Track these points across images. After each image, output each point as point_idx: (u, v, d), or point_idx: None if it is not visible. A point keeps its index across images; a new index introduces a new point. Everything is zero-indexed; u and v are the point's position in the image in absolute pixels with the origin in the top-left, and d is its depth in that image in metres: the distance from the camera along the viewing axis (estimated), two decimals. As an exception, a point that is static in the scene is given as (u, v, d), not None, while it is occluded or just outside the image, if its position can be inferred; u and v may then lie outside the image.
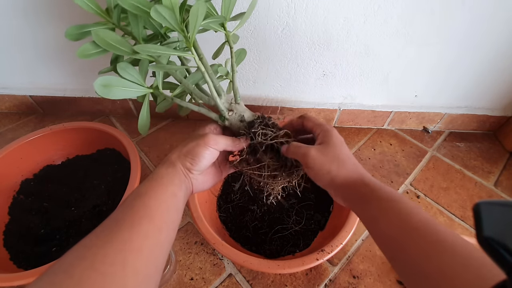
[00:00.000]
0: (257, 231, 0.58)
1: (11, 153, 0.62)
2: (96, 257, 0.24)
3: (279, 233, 0.57)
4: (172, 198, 0.32)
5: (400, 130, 0.83)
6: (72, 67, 0.75)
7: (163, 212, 0.30)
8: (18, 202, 0.62)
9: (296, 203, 0.61)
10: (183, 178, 0.35)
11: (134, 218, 0.28)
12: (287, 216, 0.59)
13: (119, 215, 0.28)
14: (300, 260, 0.45)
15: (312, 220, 0.59)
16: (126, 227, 0.27)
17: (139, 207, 0.29)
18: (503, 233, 0.23)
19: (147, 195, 0.31)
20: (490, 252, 0.24)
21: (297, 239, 0.56)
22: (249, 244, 0.56)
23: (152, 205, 0.30)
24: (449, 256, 0.25)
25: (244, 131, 0.40)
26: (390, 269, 0.55)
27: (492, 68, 0.67)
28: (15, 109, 0.87)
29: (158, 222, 0.29)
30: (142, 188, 0.32)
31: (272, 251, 0.55)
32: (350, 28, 0.60)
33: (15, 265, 0.53)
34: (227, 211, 0.61)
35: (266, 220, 0.59)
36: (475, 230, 0.25)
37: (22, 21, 0.65)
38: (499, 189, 0.68)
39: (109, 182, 0.65)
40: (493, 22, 0.58)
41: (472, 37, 0.61)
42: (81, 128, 0.67)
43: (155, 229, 0.28)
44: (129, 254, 0.25)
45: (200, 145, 0.35)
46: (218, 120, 0.41)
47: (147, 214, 0.29)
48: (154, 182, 0.32)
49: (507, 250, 0.22)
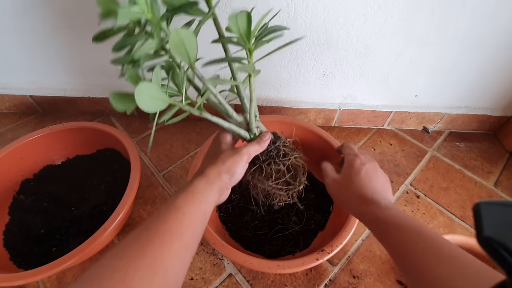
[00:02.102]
0: (257, 231, 0.58)
1: (11, 153, 0.62)
2: (128, 271, 0.25)
3: (279, 233, 0.57)
4: (203, 215, 0.33)
5: (400, 130, 0.83)
6: (72, 67, 0.75)
7: (193, 229, 0.31)
8: (18, 202, 0.62)
9: (296, 203, 0.61)
10: (216, 196, 0.36)
11: (166, 235, 0.28)
12: (287, 216, 0.59)
13: (153, 225, 0.29)
14: (300, 260, 0.45)
15: (312, 220, 0.59)
16: (158, 243, 0.28)
17: (173, 222, 0.30)
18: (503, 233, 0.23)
19: (181, 209, 0.31)
20: (490, 252, 0.24)
21: (297, 239, 0.56)
22: (249, 244, 0.56)
23: (184, 221, 0.31)
24: (447, 265, 0.27)
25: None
26: (390, 269, 0.55)
27: (492, 68, 0.67)
28: (15, 109, 0.87)
29: (187, 240, 0.30)
30: (178, 200, 0.32)
31: (272, 251, 0.55)
32: (350, 28, 0.60)
33: (15, 265, 0.53)
34: (227, 211, 0.61)
35: (266, 220, 0.59)
36: (475, 230, 0.25)
37: (23, 21, 0.65)
38: (499, 189, 0.68)
39: (109, 182, 0.65)
40: (494, 22, 0.58)
41: (472, 37, 0.61)
42: (81, 128, 0.67)
43: (184, 247, 0.29)
44: (158, 272, 0.26)
45: (238, 162, 0.37)
46: (247, 137, 0.42)
47: (179, 231, 0.29)
48: (190, 197, 0.33)
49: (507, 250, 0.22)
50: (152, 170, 0.72)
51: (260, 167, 0.43)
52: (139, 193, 0.67)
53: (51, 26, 0.65)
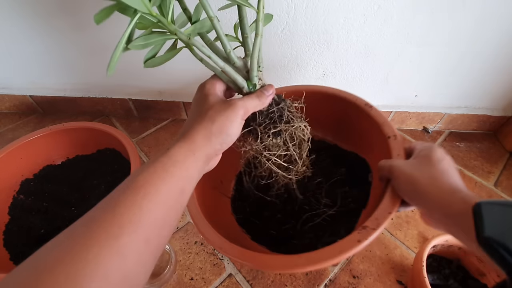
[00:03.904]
0: (282, 226, 0.47)
1: (11, 153, 0.62)
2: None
3: (310, 222, 0.46)
4: (178, 196, 0.25)
5: (400, 130, 0.83)
6: (72, 67, 0.75)
7: (159, 217, 0.23)
8: (18, 202, 0.62)
9: (323, 182, 0.50)
10: (201, 167, 0.28)
11: (112, 228, 0.21)
12: (315, 199, 0.48)
13: (97, 215, 0.22)
14: (337, 246, 0.33)
15: (350, 198, 0.48)
16: (96, 240, 0.20)
17: (126, 208, 0.22)
18: (503, 233, 0.23)
19: (142, 189, 0.23)
20: (490, 252, 0.24)
21: (336, 226, 0.45)
22: (276, 245, 0.46)
23: (144, 206, 0.22)
24: None
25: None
26: (390, 269, 0.55)
27: (492, 68, 0.67)
28: (15, 109, 0.87)
29: (146, 233, 0.22)
30: (140, 177, 0.24)
31: (305, 246, 0.43)
32: (350, 28, 0.60)
33: (15, 265, 0.53)
34: (244, 211, 0.52)
35: (290, 210, 0.48)
36: (475, 230, 0.25)
37: (23, 21, 0.65)
38: (499, 189, 0.68)
39: (109, 182, 0.65)
40: (494, 22, 0.58)
41: (473, 37, 0.61)
42: (81, 128, 0.67)
43: (142, 243, 0.22)
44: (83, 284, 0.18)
45: (233, 119, 0.28)
46: (244, 87, 0.33)
47: (133, 222, 0.21)
48: (161, 170, 0.25)
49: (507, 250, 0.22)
50: (152, 170, 0.72)
51: (254, 130, 0.35)
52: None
53: (51, 26, 0.65)
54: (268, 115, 0.35)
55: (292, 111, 0.37)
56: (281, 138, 0.35)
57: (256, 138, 0.35)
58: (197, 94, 0.33)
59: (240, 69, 0.33)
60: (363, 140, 0.52)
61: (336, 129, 0.50)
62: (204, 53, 0.30)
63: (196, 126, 0.28)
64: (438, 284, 0.50)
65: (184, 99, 0.80)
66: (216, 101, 0.30)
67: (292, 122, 0.35)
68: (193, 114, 0.31)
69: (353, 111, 0.51)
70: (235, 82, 0.33)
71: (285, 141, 0.35)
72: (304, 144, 0.38)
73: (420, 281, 0.44)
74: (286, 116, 0.35)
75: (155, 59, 0.32)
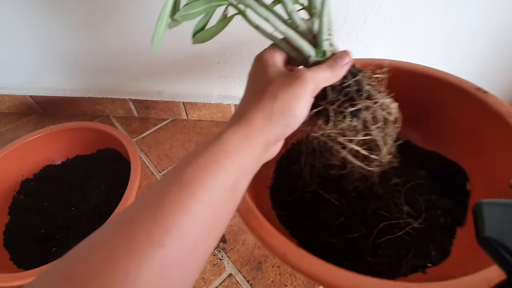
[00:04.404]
0: (346, 234, 0.37)
1: (11, 153, 0.62)
2: None
3: (388, 234, 0.35)
4: (229, 193, 0.21)
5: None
6: (72, 67, 0.75)
7: (209, 219, 0.20)
8: (18, 202, 0.62)
9: (401, 184, 0.39)
10: (259, 155, 0.23)
11: (155, 232, 0.17)
12: (395, 204, 0.37)
13: (135, 217, 0.18)
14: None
15: (439, 210, 0.37)
16: (130, 248, 0.17)
17: (171, 208, 0.18)
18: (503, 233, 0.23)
19: (190, 187, 0.19)
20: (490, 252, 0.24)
21: (423, 244, 0.34)
22: (337, 257, 0.34)
23: (191, 209, 0.19)
24: None
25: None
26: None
27: (492, 69, 0.67)
28: (15, 109, 0.87)
29: (192, 239, 0.19)
30: (189, 169, 0.20)
31: (382, 266, 0.34)
32: (350, 28, 0.60)
33: (15, 265, 0.53)
34: (289, 207, 0.41)
35: (360, 214, 0.37)
36: (476, 230, 0.25)
37: (23, 21, 0.65)
38: (499, 189, 0.68)
39: (109, 182, 0.65)
40: (495, 22, 0.58)
41: (474, 37, 0.61)
42: (81, 128, 0.67)
43: (185, 250, 0.18)
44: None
45: (300, 95, 0.23)
46: (310, 56, 0.26)
47: (178, 225, 0.18)
48: (211, 162, 0.20)
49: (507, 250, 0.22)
50: (152, 170, 0.72)
51: (325, 110, 0.28)
52: (139, 193, 0.67)
53: (51, 26, 0.65)
54: (343, 91, 0.27)
55: (373, 84, 0.29)
56: (360, 119, 0.27)
57: (327, 121, 0.28)
58: (253, 67, 0.27)
59: (304, 34, 0.27)
60: (461, 137, 0.41)
61: (413, 121, 0.36)
62: (261, 14, 0.25)
63: (252, 105, 0.23)
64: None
65: (184, 99, 0.80)
66: (278, 74, 0.24)
67: (374, 98, 0.28)
68: (249, 92, 0.26)
69: (452, 98, 0.40)
70: (300, 50, 0.26)
71: (366, 123, 0.28)
72: (390, 127, 0.30)
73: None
74: (366, 90, 0.28)
75: (204, 32, 0.27)
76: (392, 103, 0.29)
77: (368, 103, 0.27)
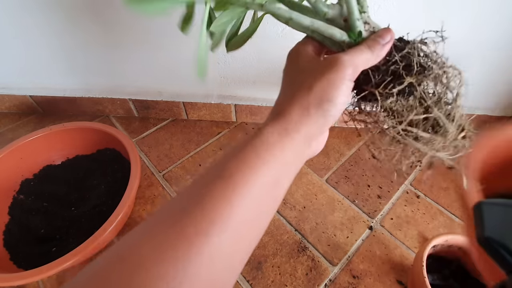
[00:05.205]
0: None
1: (11, 153, 0.62)
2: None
3: None
4: (271, 188, 0.21)
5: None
6: (72, 67, 0.75)
7: (247, 217, 0.19)
8: (18, 202, 0.62)
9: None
10: (302, 149, 0.22)
11: (201, 224, 0.18)
12: None
13: (185, 208, 0.19)
14: None
15: None
16: (188, 234, 0.17)
17: (216, 201, 0.18)
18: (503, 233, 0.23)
19: (231, 181, 0.19)
20: (490, 252, 0.24)
21: None
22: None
23: (234, 203, 0.19)
24: None
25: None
26: (390, 269, 0.55)
27: (492, 69, 0.67)
28: (15, 109, 0.87)
29: (234, 234, 0.19)
30: (232, 163, 0.20)
31: None
32: (350, 28, 0.60)
33: (15, 265, 0.53)
34: None
35: None
36: (476, 230, 0.25)
37: (23, 20, 0.65)
38: (499, 189, 0.68)
39: (109, 182, 0.65)
40: (496, 22, 0.58)
41: (474, 37, 0.61)
42: (81, 128, 0.67)
43: (229, 245, 0.18)
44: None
45: (336, 82, 0.21)
46: (344, 41, 0.24)
47: (222, 218, 0.18)
48: (253, 156, 0.20)
49: (507, 250, 0.22)
50: (152, 170, 0.72)
51: (371, 94, 0.24)
52: (139, 193, 0.67)
53: (51, 26, 0.65)
54: (389, 70, 0.24)
55: (428, 54, 0.26)
56: (415, 96, 0.24)
57: (373, 106, 0.25)
58: (286, 62, 0.26)
59: (335, 20, 0.25)
60: None
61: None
62: (279, 13, 0.24)
63: (288, 99, 0.22)
64: (438, 284, 0.50)
65: (184, 99, 0.80)
66: (311, 63, 0.23)
67: (429, 70, 0.24)
68: (284, 86, 0.25)
69: None
70: (333, 39, 0.24)
71: (422, 98, 0.24)
72: (456, 97, 0.25)
73: (420, 281, 0.44)
74: (417, 62, 0.24)
75: (237, 38, 0.27)
76: (454, 68, 0.26)
77: (420, 77, 0.24)
